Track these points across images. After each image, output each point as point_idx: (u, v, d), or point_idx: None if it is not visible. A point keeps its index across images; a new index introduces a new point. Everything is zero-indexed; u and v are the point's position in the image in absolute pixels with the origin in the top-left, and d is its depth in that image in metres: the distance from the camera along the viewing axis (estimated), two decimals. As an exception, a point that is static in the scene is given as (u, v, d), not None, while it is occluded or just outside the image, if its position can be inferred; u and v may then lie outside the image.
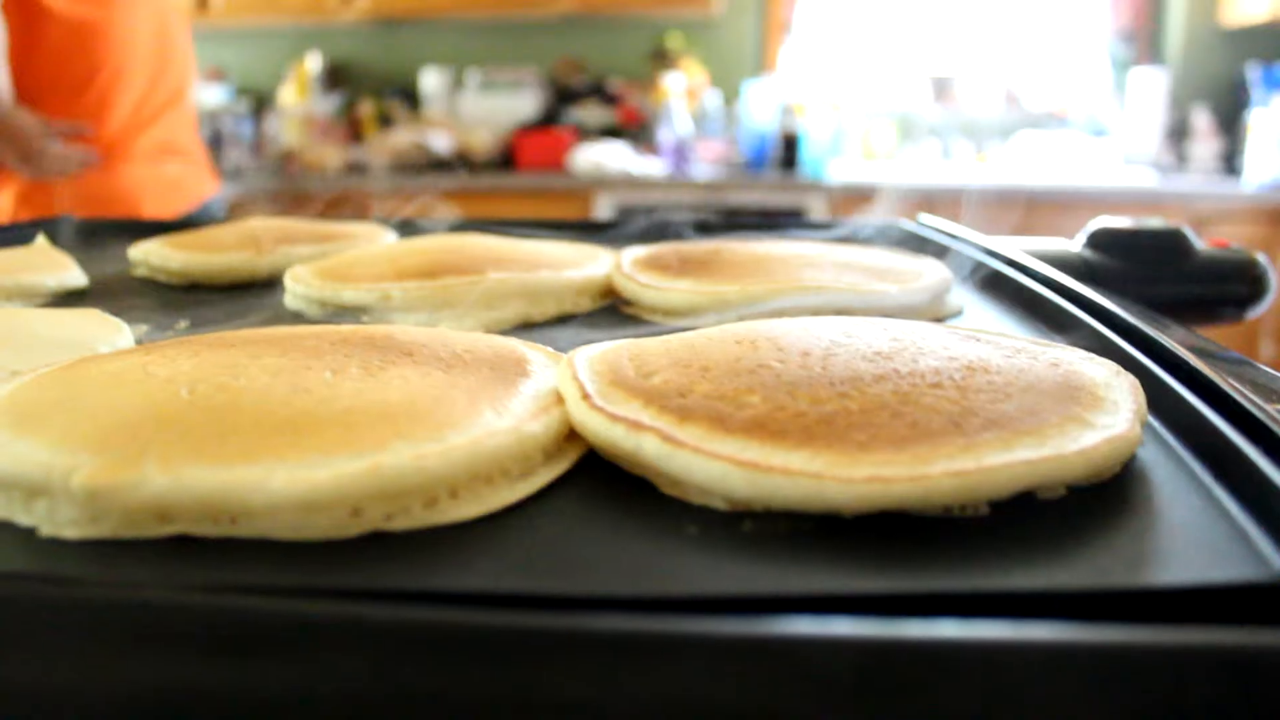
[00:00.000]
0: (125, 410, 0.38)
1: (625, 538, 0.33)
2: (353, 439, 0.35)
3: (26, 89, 1.51)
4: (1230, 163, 3.05)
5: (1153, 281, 0.74)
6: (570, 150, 3.28)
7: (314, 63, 3.61)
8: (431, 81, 3.59)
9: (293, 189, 3.25)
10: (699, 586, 0.29)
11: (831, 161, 3.12)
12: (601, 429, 0.37)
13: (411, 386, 0.40)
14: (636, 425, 0.36)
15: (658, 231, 0.94)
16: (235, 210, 2.81)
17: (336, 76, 3.69)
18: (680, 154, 3.23)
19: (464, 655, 0.23)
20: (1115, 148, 3.21)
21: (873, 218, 0.92)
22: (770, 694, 0.23)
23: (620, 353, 0.44)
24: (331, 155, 3.38)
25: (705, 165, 3.26)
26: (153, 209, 1.62)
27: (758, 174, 3.16)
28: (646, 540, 0.33)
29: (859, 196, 2.95)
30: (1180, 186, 2.89)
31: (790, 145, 3.17)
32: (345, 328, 0.50)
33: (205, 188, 1.81)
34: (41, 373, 0.46)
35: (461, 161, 3.36)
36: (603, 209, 3.10)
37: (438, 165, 3.30)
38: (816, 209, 2.98)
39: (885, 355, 0.42)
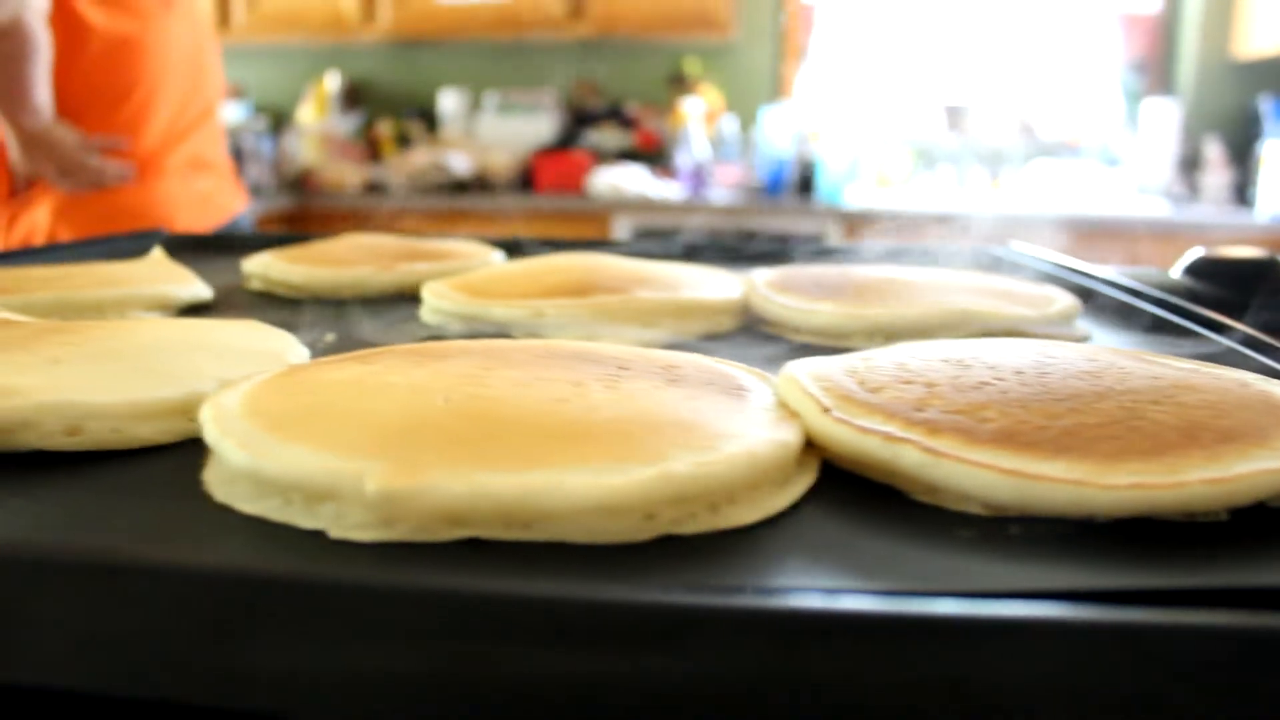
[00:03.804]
0: (390, 416, 0.40)
1: (904, 539, 0.35)
2: (635, 448, 0.36)
3: (65, 103, 1.52)
4: (1242, 194, 3.11)
5: (1254, 309, 0.76)
6: (588, 173, 3.32)
7: (333, 82, 3.64)
8: (450, 102, 3.62)
9: (313, 207, 3.27)
10: (1009, 583, 0.31)
11: (847, 187, 3.17)
12: (852, 441, 0.39)
13: (658, 399, 0.41)
14: (890, 437, 0.38)
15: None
16: (260, 226, 2.83)
17: (355, 96, 3.72)
18: (697, 178, 3.27)
19: (885, 643, 0.25)
20: (1127, 177, 3.27)
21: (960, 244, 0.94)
22: (1141, 679, 0.25)
23: (834, 370, 0.46)
24: (350, 174, 3.41)
25: (722, 189, 3.30)
26: (185, 223, 1.63)
27: (774, 199, 3.20)
28: (927, 541, 0.35)
29: (875, 222, 3.00)
30: (1193, 216, 2.94)
31: (807, 171, 3.21)
32: (536, 342, 0.52)
33: (235, 203, 1.82)
34: (259, 381, 0.46)
35: (480, 183, 3.38)
36: (620, 231, 3.13)
37: (457, 186, 3.32)
38: (833, 234, 3.02)
39: (1094, 374, 0.44)
